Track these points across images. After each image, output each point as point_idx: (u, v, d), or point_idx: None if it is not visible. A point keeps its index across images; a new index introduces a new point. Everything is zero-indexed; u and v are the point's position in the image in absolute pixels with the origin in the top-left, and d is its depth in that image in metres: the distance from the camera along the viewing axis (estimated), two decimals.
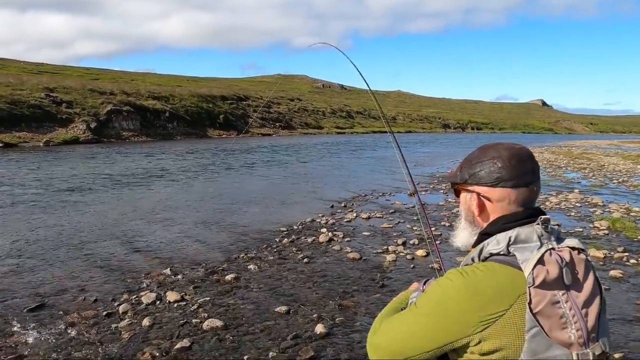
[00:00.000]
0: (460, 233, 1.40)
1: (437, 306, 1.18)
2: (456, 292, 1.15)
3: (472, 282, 1.14)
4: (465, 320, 1.13)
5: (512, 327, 1.10)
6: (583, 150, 41.10)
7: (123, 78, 66.69)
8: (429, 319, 1.19)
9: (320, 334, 4.44)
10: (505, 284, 1.13)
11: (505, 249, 1.19)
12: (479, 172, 1.29)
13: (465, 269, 1.20)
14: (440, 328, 1.16)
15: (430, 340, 1.18)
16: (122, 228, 8.78)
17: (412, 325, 1.22)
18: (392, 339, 1.25)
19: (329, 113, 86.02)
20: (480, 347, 1.13)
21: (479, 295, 1.12)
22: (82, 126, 37.05)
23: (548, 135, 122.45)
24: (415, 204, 11.84)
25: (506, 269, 1.15)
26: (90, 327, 4.57)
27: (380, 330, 1.30)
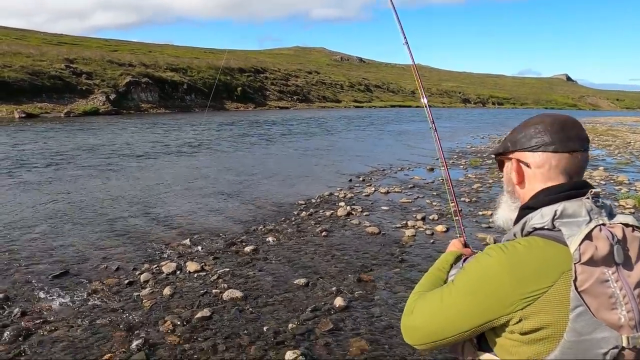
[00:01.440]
0: (500, 208, 1.34)
1: (476, 284, 1.12)
2: (496, 269, 1.08)
3: (513, 258, 1.07)
4: (506, 298, 1.06)
5: (555, 306, 1.03)
6: (608, 127, 40.01)
7: (141, 50, 66.65)
8: (468, 297, 1.12)
9: (339, 307, 4.44)
10: (548, 259, 1.05)
11: (550, 223, 1.10)
12: (520, 138, 1.24)
13: (505, 244, 1.13)
14: (479, 306, 1.10)
15: (468, 319, 1.12)
16: (143, 199, 8.87)
17: (450, 305, 1.16)
18: (429, 320, 1.19)
19: (347, 86, 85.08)
20: (521, 326, 1.06)
21: (519, 271, 1.05)
22: (101, 97, 37.31)
23: (572, 112, 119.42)
24: (436, 179, 11.70)
25: (550, 244, 1.08)
26: (113, 294, 4.64)
27: (416, 311, 1.23)
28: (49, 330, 3.89)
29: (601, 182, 11.45)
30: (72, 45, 55.57)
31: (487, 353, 1.19)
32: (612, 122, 52.00)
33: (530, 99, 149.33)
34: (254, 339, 3.82)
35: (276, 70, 71.54)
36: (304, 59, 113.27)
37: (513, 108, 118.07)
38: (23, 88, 33.08)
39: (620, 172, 13.14)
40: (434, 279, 1.38)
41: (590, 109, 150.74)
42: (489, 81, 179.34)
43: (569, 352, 1.03)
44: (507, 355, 1.13)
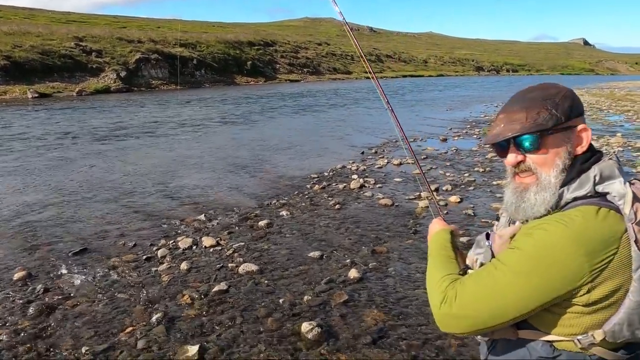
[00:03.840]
0: (548, 192, 1.15)
1: (540, 261, 1.05)
2: (561, 243, 1.04)
3: (578, 229, 1.04)
4: (576, 272, 1.03)
5: (620, 270, 1.03)
6: (627, 91, 38.99)
7: (149, 25, 66.22)
8: (531, 276, 1.06)
9: (353, 279, 4.48)
10: (607, 225, 1.05)
11: (592, 189, 1.10)
12: (570, 105, 1.15)
13: (559, 216, 1.09)
14: (546, 285, 1.05)
15: (533, 300, 1.07)
16: (157, 175, 8.96)
17: (507, 287, 1.08)
18: (482, 307, 1.11)
19: (357, 57, 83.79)
20: (587, 297, 1.05)
21: (587, 242, 1.03)
22: (112, 75, 37.38)
23: (589, 77, 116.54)
24: (449, 149, 11.60)
25: (602, 210, 1.06)
26: (132, 270, 4.74)
27: (462, 298, 1.13)
28: (71, 305, 4.00)
29: (619, 149, 11.24)
30: (80, 23, 55.40)
31: (525, 330, 1.17)
32: (631, 86, 50.66)
33: (545, 65, 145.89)
34: (271, 311, 3.89)
35: (286, 43, 70.70)
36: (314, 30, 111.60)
37: (528, 75, 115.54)
38: (34, 68, 33.26)
39: (638, 138, 12.87)
40: (445, 260, 1.32)
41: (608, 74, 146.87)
42: (503, 48, 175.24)
43: (635, 312, 1.04)
44: (561, 328, 1.11)
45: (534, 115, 1.14)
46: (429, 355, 3.30)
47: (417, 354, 3.31)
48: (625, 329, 1.04)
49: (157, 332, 3.57)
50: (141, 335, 3.53)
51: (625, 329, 1.04)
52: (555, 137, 1.15)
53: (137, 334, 3.55)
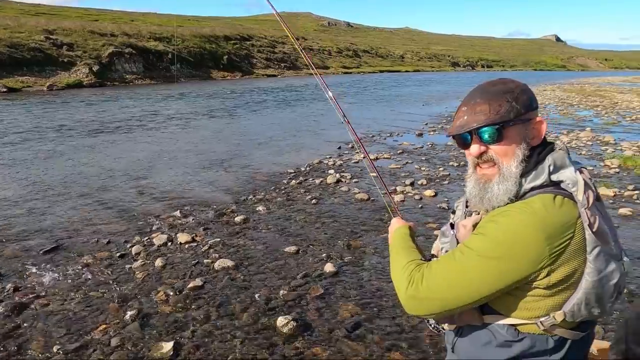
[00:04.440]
0: (509, 181, 1.18)
1: (502, 246, 1.10)
2: (523, 229, 1.09)
3: (537, 216, 1.10)
4: (537, 256, 1.08)
5: (577, 253, 1.10)
6: (596, 87, 40.05)
7: (123, 19, 64.81)
8: (495, 261, 1.11)
9: (329, 273, 4.52)
10: (564, 212, 1.11)
11: (547, 178, 1.16)
12: (527, 99, 1.21)
13: (521, 205, 1.14)
14: (509, 268, 1.10)
15: (495, 282, 1.12)
16: (131, 171, 8.82)
17: (473, 270, 1.13)
18: (447, 288, 1.15)
19: (335, 52, 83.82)
20: (548, 280, 1.11)
21: (546, 227, 1.08)
22: (84, 69, 36.48)
23: (560, 72, 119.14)
24: (425, 144, 11.73)
25: (558, 197, 1.13)
26: (105, 267, 4.68)
27: (427, 280, 1.17)
28: (42, 304, 3.93)
29: (588, 143, 11.56)
30: (50, 16, 53.85)
31: (492, 315, 1.21)
32: (601, 82, 52.03)
33: (519, 60, 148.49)
34: (246, 306, 3.89)
35: (262, 37, 70.14)
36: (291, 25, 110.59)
37: (502, 70, 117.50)
38: (2, 61, 32.20)
39: (606, 133, 13.26)
40: (408, 250, 1.37)
41: (579, 70, 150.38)
42: (478, 43, 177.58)
43: (591, 291, 1.10)
44: (524, 311, 1.16)
45: (497, 107, 1.18)
46: (403, 346, 3.36)
47: (391, 345, 3.37)
48: (583, 308, 1.11)
49: (131, 330, 3.54)
50: (115, 333, 3.50)
51: (583, 308, 1.11)
52: (515, 129, 1.19)
53: (111, 332, 3.51)
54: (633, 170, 8.57)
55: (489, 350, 1.21)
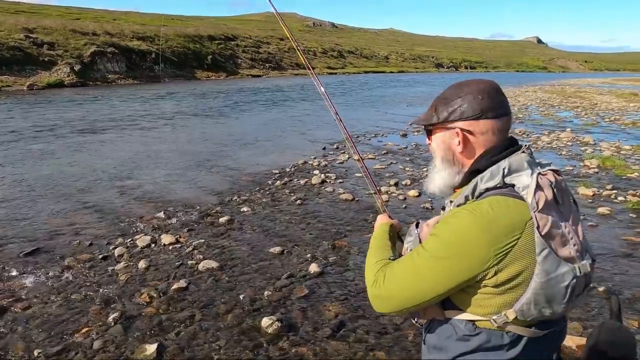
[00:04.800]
0: (436, 177, 1.37)
1: (451, 246, 1.17)
2: (469, 230, 1.14)
3: (484, 218, 1.14)
4: (482, 256, 1.13)
5: (524, 254, 1.13)
6: (576, 88, 40.77)
7: (105, 18, 64.01)
8: (444, 260, 1.17)
9: (314, 273, 4.53)
10: (512, 214, 1.14)
11: (501, 180, 1.20)
12: (460, 107, 1.27)
13: (471, 206, 1.19)
14: (458, 268, 1.16)
15: (447, 281, 1.18)
16: (114, 172, 8.72)
17: (426, 270, 1.20)
18: (405, 287, 1.22)
19: (320, 53, 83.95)
20: (495, 279, 1.15)
21: (492, 229, 1.13)
22: (65, 69, 35.96)
23: (542, 74, 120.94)
24: (409, 144, 11.82)
25: (508, 199, 1.16)
26: (87, 270, 4.62)
27: (388, 280, 1.26)
28: (22, 307, 3.87)
29: (568, 143, 11.77)
30: (30, 14, 52.92)
31: (451, 310, 1.26)
32: (581, 84, 52.98)
33: (502, 62, 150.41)
34: (231, 308, 3.88)
35: (247, 37, 69.94)
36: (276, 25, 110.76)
37: (485, 72, 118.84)
38: None
39: (586, 133, 13.51)
40: (381, 248, 1.45)
41: (559, 71, 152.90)
42: (461, 45, 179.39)
43: (540, 292, 1.14)
44: (478, 308, 1.21)
45: (432, 110, 1.35)
46: (387, 345, 3.39)
47: (376, 344, 3.40)
48: (533, 307, 1.15)
49: (114, 332, 3.51)
50: (97, 335, 3.46)
51: (532, 307, 1.15)
52: (439, 133, 1.35)
53: (93, 335, 3.47)
54: (611, 170, 8.76)
55: (450, 343, 1.27)
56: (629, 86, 46.03)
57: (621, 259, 4.87)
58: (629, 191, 7.25)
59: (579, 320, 3.67)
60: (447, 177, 1.34)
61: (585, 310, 3.83)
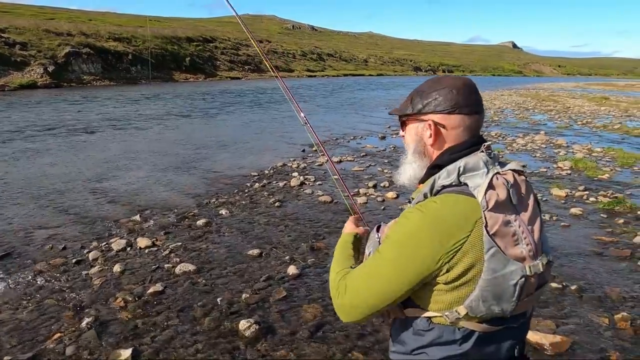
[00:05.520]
0: (407, 168, 1.38)
1: (402, 247, 1.18)
2: (418, 229, 1.16)
3: (432, 216, 1.16)
4: (433, 254, 1.14)
5: (473, 251, 1.14)
6: (550, 92, 41.72)
7: (80, 18, 62.84)
8: (397, 261, 1.18)
9: (292, 275, 4.52)
10: (462, 211, 1.15)
11: (456, 179, 1.21)
12: (434, 100, 1.28)
13: (421, 205, 1.20)
14: (410, 268, 1.17)
15: (403, 282, 1.18)
16: (89, 175, 8.55)
17: (382, 274, 1.21)
18: (366, 294, 1.23)
19: (299, 55, 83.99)
20: (446, 276, 1.16)
21: (441, 227, 1.14)
22: (39, 70, 35.13)
23: (517, 78, 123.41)
24: (388, 146, 11.90)
25: (460, 197, 1.18)
26: (60, 274, 4.51)
27: (349, 289, 1.26)
28: None
29: (542, 146, 12.02)
30: (2, 13, 51.56)
31: (410, 308, 1.28)
32: (554, 87, 54.24)
33: (478, 66, 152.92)
34: (208, 311, 3.84)
35: (226, 39, 69.51)
36: (255, 28, 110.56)
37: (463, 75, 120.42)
38: None
39: (559, 136, 13.84)
40: (343, 259, 1.46)
41: (534, 75, 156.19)
42: (439, 49, 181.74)
43: (487, 289, 1.15)
44: (432, 304, 1.22)
45: (409, 101, 1.36)
46: (366, 346, 3.40)
47: (354, 345, 3.41)
48: (481, 304, 1.17)
49: (87, 337, 3.43)
50: (70, 341, 3.39)
51: (481, 304, 1.17)
52: (412, 125, 1.37)
53: (66, 340, 3.39)
54: (583, 172, 8.98)
55: (408, 337, 1.29)
56: (600, 90, 47.36)
57: (592, 258, 4.99)
58: (600, 192, 7.44)
59: (552, 319, 3.74)
60: (417, 169, 1.36)
61: (558, 309, 3.92)
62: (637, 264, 4.81)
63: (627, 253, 5.10)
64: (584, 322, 3.71)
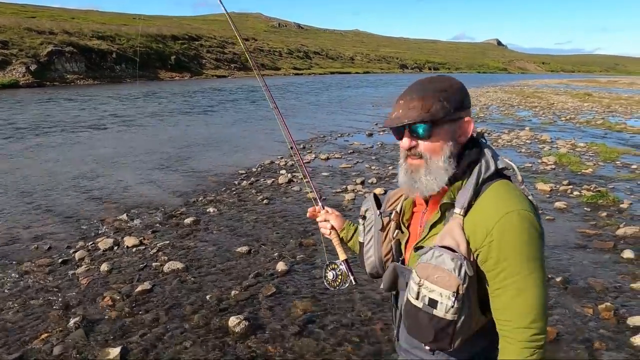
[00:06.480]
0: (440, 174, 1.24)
1: (532, 252, 1.17)
2: (531, 223, 1.16)
3: (526, 206, 1.18)
4: (544, 231, 1.20)
5: None
6: (534, 89, 42.19)
7: (63, 16, 61.92)
8: (540, 261, 1.19)
9: (281, 272, 4.52)
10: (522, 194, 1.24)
11: (494, 167, 1.24)
12: (460, 99, 1.24)
13: (509, 197, 1.18)
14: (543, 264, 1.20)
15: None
16: (75, 175, 8.45)
17: (540, 279, 1.18)
18: (543, 311, 1.17)
19: (285, 53, 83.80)
20: None
21: (533, 211, 1.20)
22: (21, 69, 34.58)
23: (502, 75, 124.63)
24: (375, 143, 11.95)
25: (510, 183, 1.25)
26: (46, 274, 4.46)
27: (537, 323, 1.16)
28: None
29: (527, 141, 12.16)
30: None
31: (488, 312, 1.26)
32: (539, 84, 54.85)
33: (464, 63, 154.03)
34: (197, 308, 3.83)
35: (212, 38, 69.06)
36: (240, 26, 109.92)
37: (449, 72, 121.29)
38: None
39: (544, 132, 14.00)
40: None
41: (518, 72, 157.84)
42: (425, 47, 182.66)
43: None
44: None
45: (429, 105, 1.21)
46: (354, 340, 3.42)
47: (343, 339, 3.42)
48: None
49: (75, 337, 3.40)
50: (57, 341, 3.35)
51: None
52: (445, 127, 1.23)
53: (53, 340, 3.36)
54: (567, 167, 9.11)
55: (482, 339, 1.33)
56: (583, 87, 48.00)
57: (576, 251, 5.08)
58: (584, 186, 7.56)
59: None
60: (444, 174, 1.24)
61: None
62: (620, 256, 4.90)
63: (610, 245, 5.19)
64: (569, 313, 3.78)
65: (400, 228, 1.42)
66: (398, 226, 1.43)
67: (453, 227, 1.19)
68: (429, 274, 1.17)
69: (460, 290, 1.13)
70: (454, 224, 1.19)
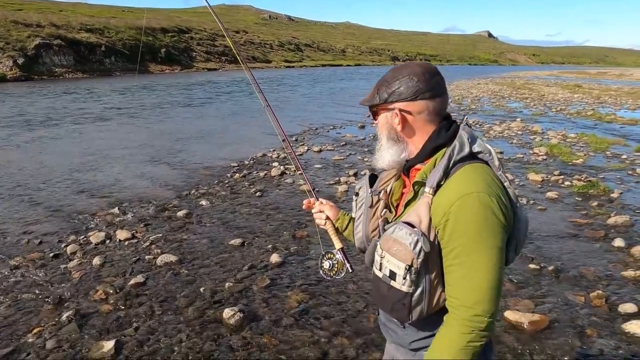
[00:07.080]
0: (384, 154, 1.41)
1: (484, 234, 1.23)
2: (487, 206, 1.21)
3: (487, 189, 1.22)
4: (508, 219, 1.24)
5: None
6: (525, 81, 42.37)
7: (50, 9, 61.10)
8: (494, 247, 1.23)
9: (275, 264, 4.52)
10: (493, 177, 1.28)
11: (469, 150, 1.29)
12: (398, 89, 1.33)
13: (473, 179, 1.23)
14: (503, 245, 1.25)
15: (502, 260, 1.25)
16: (66, 168, 8.37)
17: (491, 262, 1.22)
18: (496, 294, 1.21)
19: (276, 46, 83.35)
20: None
21: (496, 194, 1.24)
22: (8, 62, 34.11)
23: (493, 67, 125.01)
24: (367, 135, 11.94)
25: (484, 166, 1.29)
26: (37, 269, 4.42)
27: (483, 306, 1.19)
28: None
29: (518, 132, 12.22)
30: None
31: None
32: (529, 76, 55.09)
33: (455, 55, 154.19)
34: (191, 301, 3.82)
35: (202, 30, 68.50)
36: (231, 18, 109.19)
37: (440, 65, 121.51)
38: None
39: (535, 123, 14.08)
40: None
41: (509, 64, 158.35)
42: (416, 39, 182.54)
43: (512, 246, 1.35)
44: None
45: (374, 92, 1.39)
46: (349, 330, 3.43)
47: (337, 330, 3.43)
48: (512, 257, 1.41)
49: (68, 331, 3.38)
50: (50, 335, 3.33)
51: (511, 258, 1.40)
52: (381, 114, 1.40)
53: (46, 334, 3.33)
54: (558, 157, 9.18)
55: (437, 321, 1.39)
56: (573, 78, 48.30)
57: (568, 240, 5.12)
58: (575, 176, 7.62)
59: (531, 298, 3.83)
60: (395, 154, 1.39)
61: (536, 289, 4.01)
62: (611, 244, 4.95)
63: (601, 234, 5.24)
64: (561, 301, 3.81)
65: (389, 207, 1.49)
66: (387, 205, 1.50)
67: (420, 204, 1.27)
68: (389, 246, 1.25)
69: (415, 264, 1.20)
70: (422, 202, 1.26)
